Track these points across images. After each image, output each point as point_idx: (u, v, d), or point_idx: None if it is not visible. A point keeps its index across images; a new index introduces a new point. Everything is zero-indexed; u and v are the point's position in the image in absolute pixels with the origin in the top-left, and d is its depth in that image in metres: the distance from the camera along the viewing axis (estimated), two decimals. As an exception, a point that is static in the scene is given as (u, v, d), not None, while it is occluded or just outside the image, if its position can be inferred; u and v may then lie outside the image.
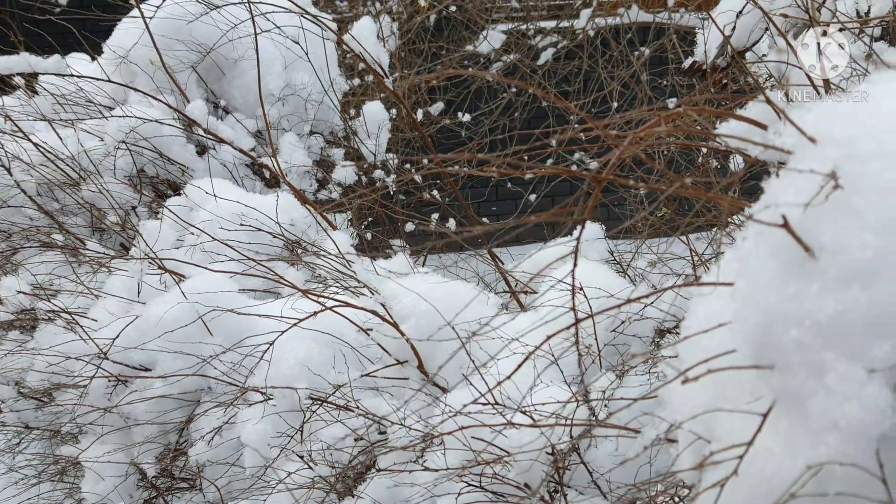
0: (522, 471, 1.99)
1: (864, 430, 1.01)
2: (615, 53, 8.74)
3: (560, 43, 9.21)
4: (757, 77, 2.47)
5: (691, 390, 1.33)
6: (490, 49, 8.85)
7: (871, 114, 1.13)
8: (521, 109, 9.29)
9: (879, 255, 1.04)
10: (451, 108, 8.69)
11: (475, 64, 9.00)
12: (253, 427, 2.43)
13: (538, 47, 8.95)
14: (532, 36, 8.94)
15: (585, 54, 8.64)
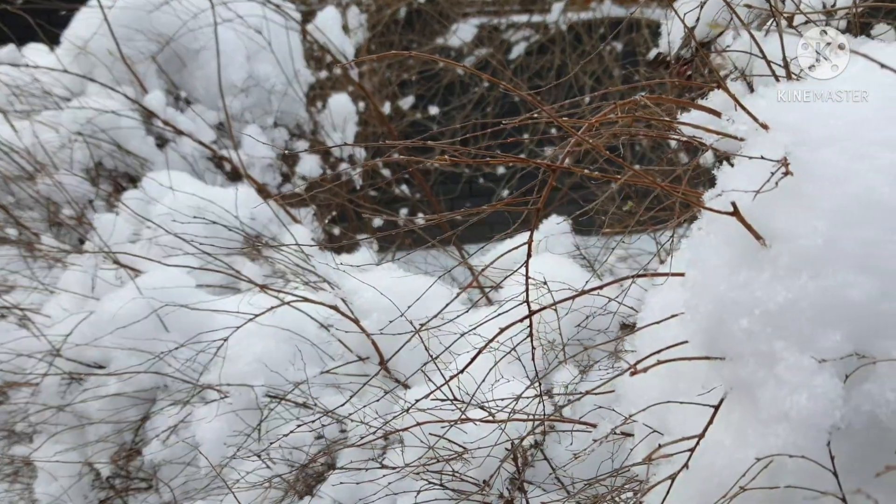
0: (481, 467, 1.95)
1: (815, 422, 0.99)
2: (587, 48, 8.73)
3: (532, 37, 9.19)
4: (721, 67, 2.45)
5: (646, 383, 1.30)
6: (461, 43, 8.80)
7: (822, 99, 1.10)
8: (493, 104, 9.26)
9: (830, 242, 1.02)
10: (422, 102, 8.64)
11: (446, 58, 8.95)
12: (208, 426, 2.37)
13: (510, 41, 8.92)
14: (504, 30, 8.91)
15: (558, 49, 8.63)
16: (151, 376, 2.71)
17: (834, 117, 1.07)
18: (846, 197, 1.03)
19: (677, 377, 1.21)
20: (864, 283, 1.00)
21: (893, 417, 1.00)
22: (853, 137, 1.06)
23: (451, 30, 8.64)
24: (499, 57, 9.15)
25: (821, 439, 1.00)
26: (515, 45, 9.27)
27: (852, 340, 1.01)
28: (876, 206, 1.02)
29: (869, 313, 1.00)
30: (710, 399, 1.13)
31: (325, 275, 2.54)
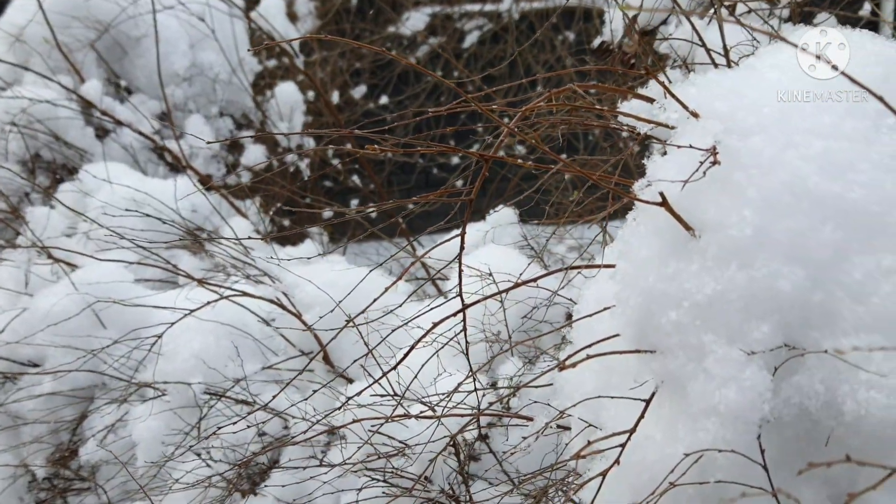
0: (423, 462, 1.92)
1: (744, 415, 0.97)
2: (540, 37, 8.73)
3: (485, 26, 9.15)
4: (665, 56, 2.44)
5: (582, 377, 1.28)
6: (413, 32, 8.73)
7: (753, 86, 1.08)
8: (446, 94, 9.20)
9: (759, 232, 1.00)
10: (375, 92, 8.55)
11: (399, 47, 8.88)
12: (144, 424, 2.30)
13: (463, 30, 8.87)
14: (457, 19, 8.85)
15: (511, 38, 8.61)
16: (88, 374, 2.62)
17: (765, 105, 1.06)
18: (775, 186, 1.01)
19: (610, 371, 1.19)
20: (794, 273, 0.98)
21: (823, 409, 0.99)
22: (783, 125, 1.04)
23: (403, 18, 8.56)
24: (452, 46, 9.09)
25: (750, 433, 0.98)
26: (468, 33, 9.23)
27: (782, 332, 0.99)
28: (805, 195, 1.01)
29: (798, 304, 0.99)
30: (642, 393, 1.11)
31: (266, 269, 2.48)
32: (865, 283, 0.98)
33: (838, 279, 0.99)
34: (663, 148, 1.07)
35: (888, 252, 0.98)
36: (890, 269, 0.98)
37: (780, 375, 1.00)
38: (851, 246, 0.99)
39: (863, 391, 0.95)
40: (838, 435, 0.99)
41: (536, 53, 9.27)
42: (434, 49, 9.19)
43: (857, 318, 0.97)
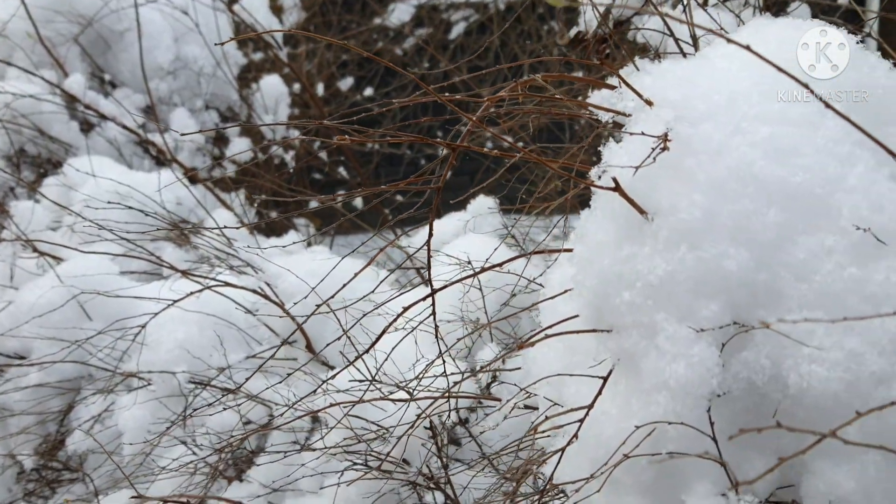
0: (403, 446, 1.96)
1: (693, 390, 1.02)
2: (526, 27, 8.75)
3: (472, 17, 9.17)
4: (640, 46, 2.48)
5: (548, 357, 1.33)
6: (400, 23, 8.74)
7: (704, 75, 1.13)
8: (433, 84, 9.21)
9: (708, 215, 1.04)
10: (362, 83, 8.56)
11: (385, 38, 8.89)
12: (129, 414, 2.33)
13: (450, 21, 8.88)
14: (444, 10, 8.86)
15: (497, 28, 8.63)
16: (75, 366, 2.66)
17: (715, 93, 1.10)
18: (724, 171, 1.06)
19: (573, 351, 1.23)
20: (740, 254, 1.03)
21: (770, 383, 1.04)
22: (732, 112, 1.09)
23: (388, 10, 8.57)
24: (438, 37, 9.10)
25: (700, 406, 1.03)
26: (455, 24, 9.24)
27: (730, 310, 1.04)
28: (752, 179, 1.05)
29: (745, 284, 1.04)
30: (601, 371, 1.15)
31: (249, 259, 2.52)
32: (808, 262, 1.02)
33: (783, 259, 1.03)
34: (619, 135, 1.12)
35: (830, 232, 1.03)
36: (832, 249, 1.02)
37: (729, 352, 1.05)
38: (795, 227, 1.04)
39: (805, 365, 1.00)
40: (784, 407, 1.04)
41: (523, 43, 9.30)
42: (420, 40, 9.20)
43: (801, 296, 1.02)
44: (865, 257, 1.02)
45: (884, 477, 0.99)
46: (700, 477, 1.03)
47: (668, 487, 1.06)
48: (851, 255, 1.02)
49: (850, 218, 1.02)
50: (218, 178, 4.07)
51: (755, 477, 1.06)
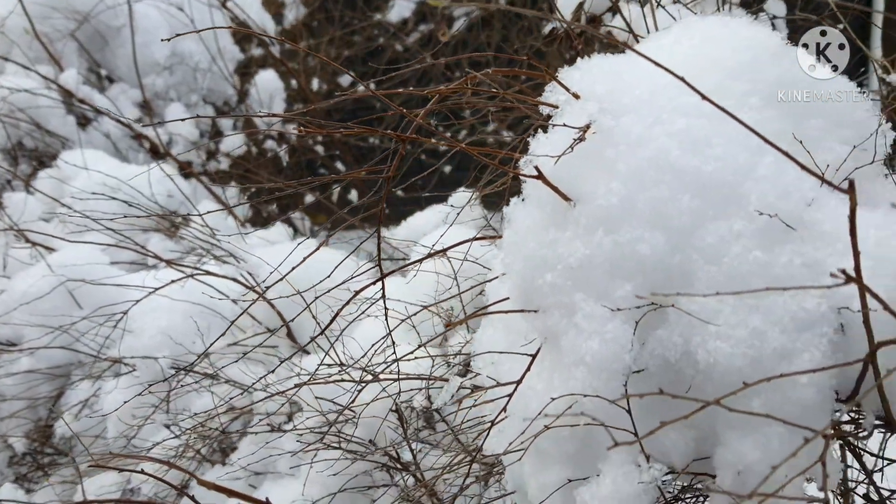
0: (371, 428, 2.04)
1: (607, 365, 1.09)
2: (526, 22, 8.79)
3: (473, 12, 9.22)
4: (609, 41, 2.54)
5: (493, 338, 1.39)
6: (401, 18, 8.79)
7: (630, 70, 1.19)
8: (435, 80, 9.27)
9: (624, 201, 1.11)
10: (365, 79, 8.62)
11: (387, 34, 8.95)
12: (113, 398, 2.42)
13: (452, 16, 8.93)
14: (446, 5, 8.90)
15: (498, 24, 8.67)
16: (65, 353, 2.74)
17: (637, 87, 1.16)
18: (641, 160, 1.12)
19: (509, 331, 1.30)
20: (655, 238, 1.09)
21: (682, 359, 1.10)
22: (652, 105, 1.15)
23: (389, 5, 8.62)
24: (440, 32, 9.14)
25: (616, 381, 1.09)
26: (457, 20, 9.29)
27: (645, 291, 1.10)
28: (668, 168, 1.11)
29: (660, 266, 1.10)
30: (533, 349, 1.22)
31: (232, 250, 2.59)
32: (718, 246, 1.09)
33: (695, 243, 1.10)
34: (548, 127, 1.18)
35: (738, 218, 1.09)
36: (740, 233, 1.09)
37: (645, 331, 1.12)
38: (707, 213, 1.10)
39: (711, 342, 1.06)
40: (696, 382, 1.10)
41: (524, 38, 9.34)
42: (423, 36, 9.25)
43: (711, 278, 1.08)
44: (771, 241, 1.08)
45: (787, 447, 1.05)
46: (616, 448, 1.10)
47: (587, 457, 1.13)
48: (758, 239, 1.08)
49: (757, 205, 1.09)
50: (211, 171, 4.15)
51: (669, 447, 1.12)
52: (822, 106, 1.25)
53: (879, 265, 1.07)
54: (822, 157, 1.24)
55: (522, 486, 1.24)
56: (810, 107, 1.26)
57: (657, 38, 1.29)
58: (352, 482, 2.19)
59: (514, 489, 1.28)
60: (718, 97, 1.17)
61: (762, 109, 1.18)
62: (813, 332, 1.05)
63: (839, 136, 1.26)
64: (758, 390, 1.06)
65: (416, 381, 2.00)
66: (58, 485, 2.57)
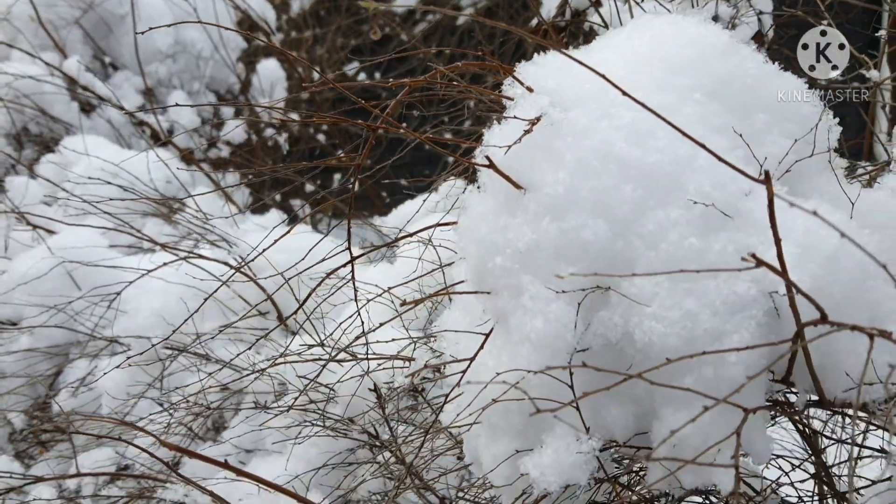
0: (350, 407, 2.12)
1: (550, 343, 1.16)
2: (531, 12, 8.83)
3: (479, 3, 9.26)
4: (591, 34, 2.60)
5: (458, 320, 1.47)
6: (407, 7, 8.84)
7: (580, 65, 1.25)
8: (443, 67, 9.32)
9: (570, 190, 1.18)
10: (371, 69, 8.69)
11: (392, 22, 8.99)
12: (109, 377, 2.50)
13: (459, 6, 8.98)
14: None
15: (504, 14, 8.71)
16: (64, 332, 2.83)
17: (587, 81, 1.23)
18: (587, 151, 1.19)
19: (466, 312, 1.37)
20: (598, 225, 1.16)
21: (623, 339, 1.17)
22: (600, 99, 1.21)
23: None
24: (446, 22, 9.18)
25: (559, 359, 1.16)
26: (464, 9, 9.32)
27: (599, 275, 1.17)
28: (612, 159, 1.18)
29: (603, 251, 1.17)
30: (488, 329, 1.29)
31: (225, 234, 2.68)
32: (657, 232, 1.15)
33: (636, 230, 1.17)
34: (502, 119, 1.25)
35: (676, 206, 1.16)
36: (677, 221, 1.15)
37: (590, 312, 1.19)
38: (648, 202, 1.17)
39: (647, 322, 1.13)
40: (636, 361, 1.17)
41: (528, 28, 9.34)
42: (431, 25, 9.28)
43: (650, 263, 1.15)
44: (707, 229, 1.15)
45: (718, 420, 1.12)
46: (559, 421, 1.17)
47: (534, 430, 1.20)
48: (694, 227, 1.15)
49: (694, 194, 1.15)
50: (211, 159, 4.23)
51: (611, 423, 1.20)
52: (767, 101, 1.32)
53: (807, 252, 1.13)
54: (767, 151, 1.30)
55: (478, 457, 1.32)
56: (756, 101, 1.32)
57: (611, 36, 1.35)
58: (335, 459, 2.28)
59: (471, 461, 1.35)
60: (662, 92, 1.24)
61: (706, 104, 1.25)
62: (743, 315, 1.12)
63: (784, 130, 1.32)
64: (690, 368, 1.13)
65: (400, 362, 2.08)
66: (53, 459, 2.66)
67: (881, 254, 1.30)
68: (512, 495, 1.27)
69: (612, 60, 1.28)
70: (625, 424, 1.21)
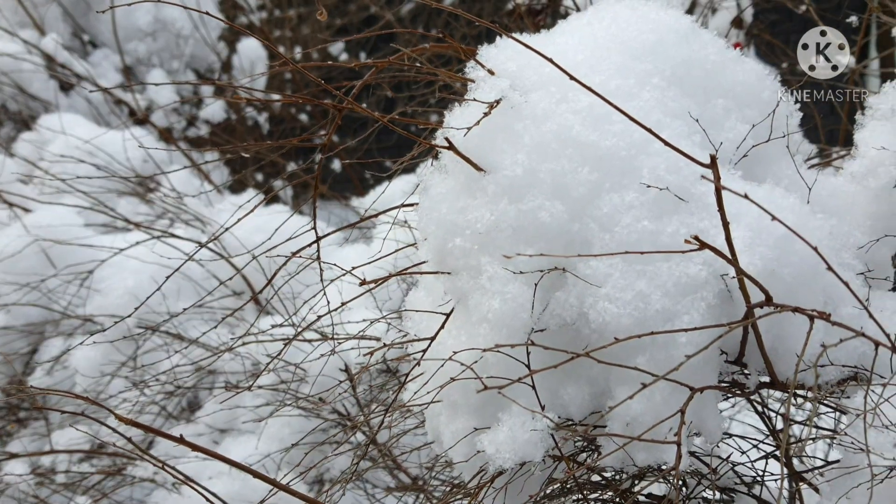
0: (321, 386, 2.14)
1: (508, 322, 1.18)
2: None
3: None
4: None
5: (423, 300, 1.48)
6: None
7: (543, 49, 1.26)
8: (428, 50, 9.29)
9: (528, 172, 1.19)
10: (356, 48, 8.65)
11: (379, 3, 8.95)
12: (83, 355, 2.51)
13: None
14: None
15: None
16: (40, 310, 2.83)
17: (547, 65, 1.24)
18: (546, 134, 1.20)
19: (429, 292, 1.39)
20: (555, 207, 1.18)
21: (579, 320, 1.19)
22: (560, 83, 1.23)
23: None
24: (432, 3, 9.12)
25: (516, 338, 1.18)
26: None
27: (547, 256, 1.19)
28: (570, 142, 1.20)
29: (561, 233, 1.19)
30: (449, 309, 1.31)
31: (198, 214, 2.68)
32: (612, 215, 1.17)
33: (592, 213, 1.18)
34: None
35: (631, 190, 1.18)
36: (631, 204, 1.17)
37: (547, 292, 1.20)
38: (603, 185, 1.19)
39: (601, 303, 1.15)
40: (592, 341, 1.20)
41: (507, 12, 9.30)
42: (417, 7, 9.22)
43: (604, 244, 1.17)
44: (660, 212, 1.17)
45: (669, 400, 1.15)
46: (517, 399, 1.19)
47: (492, 408, 1.22)
48: (648, 210, 1.17)
49: (648, 178, 1.17)
50: (190, 137, 4.22)
51: (568, 401, 1.22)
52: (727, 86, 1.33)
53: (758, 235, 1.15)
54: (726, 136, 1.32)
55: (439, 435, 1.34)
56: (715, 86, 1.34)
57: (572, 21, 1.37)
58: (308, 439, 2.30)
59: (433, 439, 1.37)
60: (620, 76, 1.25)
61: (665, 88, 1.26)
62: (694, 297, 1.14)
63: (743, 116, 1.34)
64: (643, 348, 1.15)
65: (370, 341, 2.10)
66: (28, 437, 2.67)
67: (836, 238, 1.33)
68: (471, 472, 1.30)
69: (572, 45, 1.29)
70: (581, 403, 1.23)
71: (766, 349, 1.22)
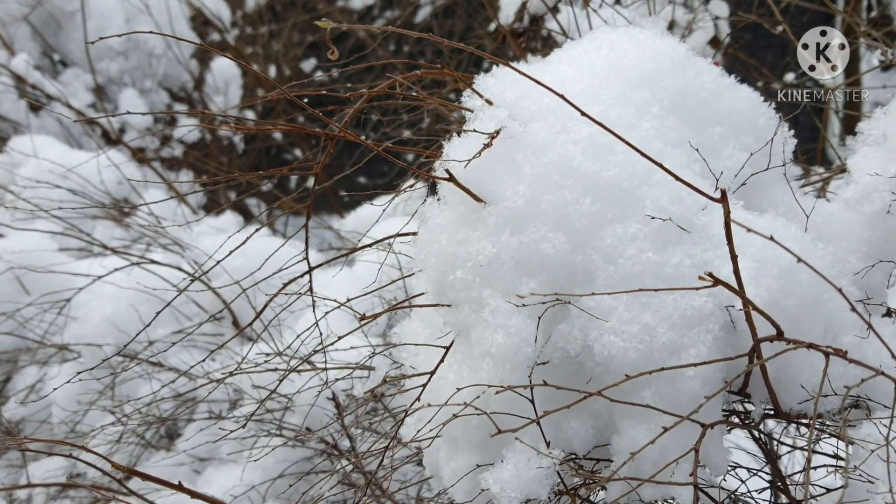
0: (312, 417, 2.09)
1: (511, 357, 1.15)
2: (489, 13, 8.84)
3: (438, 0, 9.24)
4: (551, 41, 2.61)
5: (417, 332, 1.45)
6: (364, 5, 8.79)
7: (540, 78, 1.25)
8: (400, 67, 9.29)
9: (530, 203, 1.17)
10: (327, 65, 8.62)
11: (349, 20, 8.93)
12: (58, 384, 2.44)
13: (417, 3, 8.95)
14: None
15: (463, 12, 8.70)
16: (13, 339, 2.76)
17: (545, 94, 1.22)
18: (547, 164, 1.18)
19: (426, 324, 1.36)
20: (558, 238, 1.16)
21: (583, 353, 1.18)
22: (559, 113, 1.21)
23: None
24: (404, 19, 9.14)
25: (520, 372, 1.16)
26: (422, 7, 9.29)
27: (550, 287, 1.17)
28: (571, 172, 1.18)
29: (563, 264, 1.17)
30: (448, 342, 1.28)
31: (178, 239, 2.62)
32: (615, 246, 1.16)
33: (595, 244, 1.17)
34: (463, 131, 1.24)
35: (634, 221, 1.16)
36: (635, 235, 1.16)
37: (550, 325, 1.18)
38: (606, 216, 1.17)
39: (606, 336, 1.13)
40: (596, 374, 1.18)
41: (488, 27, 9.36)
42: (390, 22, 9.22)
43: (608, 276, 1.15)
44: (664, 243, 1.16)
45: (676, 435, 1.13)
46: (521, 435, 1.17)
47: (494, 444, 1.19)
48: (651, 241, 1.15)
49: (651, 209, 1.16)
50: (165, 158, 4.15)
51: (571, 436, 1.20)
52: (723, 114, 1.33)
53: (763, 267, 1.15)
54: (724, 164, 1.32)
55: (438, 471, 1.31)
56: (712, 114, 1.33)
57: (568, 49, 1.35)
58: (293, 468, 2.25)
59: (431, 474, 1.34)
60: (620, 106, 1.24)
61: (664, 118, 1.26)
62: (700, 329, 1.13)
63: (739, 143, 1.34)
64: (649, 382, 1.14)
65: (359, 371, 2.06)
66: (3, 468, 2.59)
67: (834, 265, 1.32)
68: (473, 509, 1.27)
69: (570, 74, 1.28)
70: (585, 437, 1.21)
71: (770, 379, 1.21)
